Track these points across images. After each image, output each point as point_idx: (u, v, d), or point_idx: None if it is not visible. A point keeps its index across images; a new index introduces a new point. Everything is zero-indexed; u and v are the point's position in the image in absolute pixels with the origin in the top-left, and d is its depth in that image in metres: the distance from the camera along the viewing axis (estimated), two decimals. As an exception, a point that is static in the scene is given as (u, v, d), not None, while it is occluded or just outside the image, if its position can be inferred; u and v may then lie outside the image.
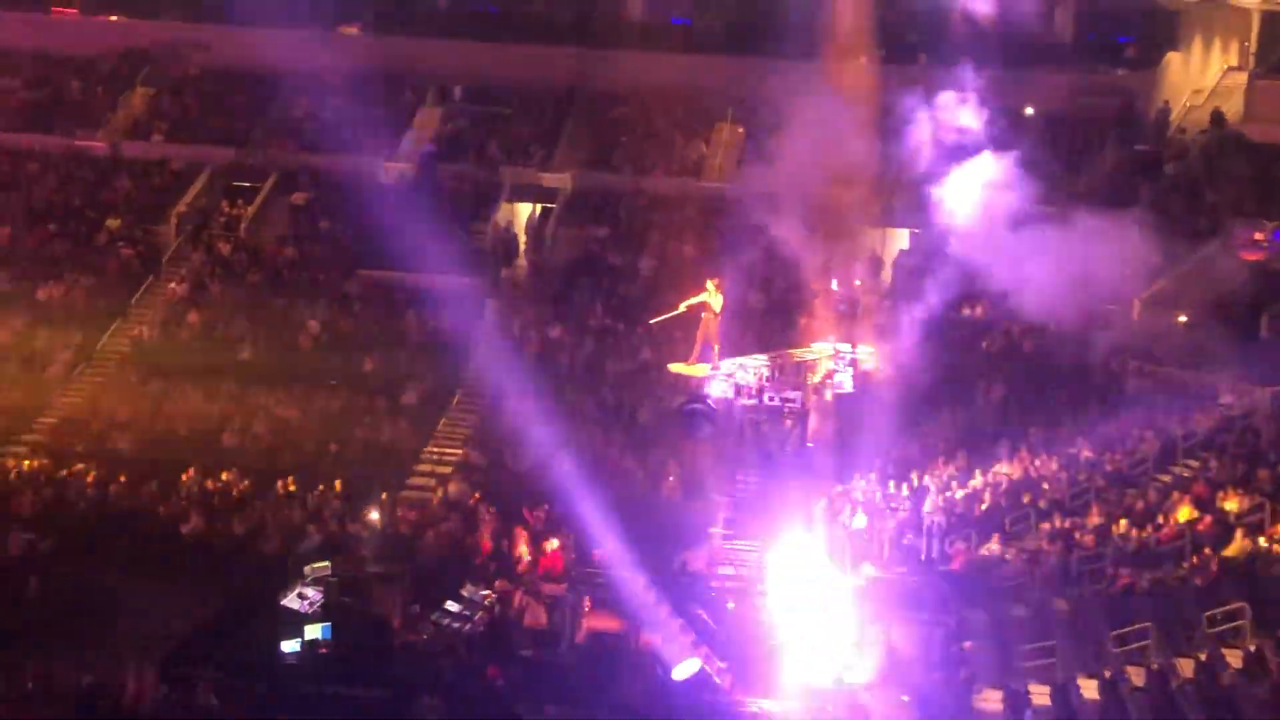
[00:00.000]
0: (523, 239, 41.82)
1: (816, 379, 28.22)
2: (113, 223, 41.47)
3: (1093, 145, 41.83)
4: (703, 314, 27.92)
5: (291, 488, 31.62)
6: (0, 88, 46.31)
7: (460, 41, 46.03)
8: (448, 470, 33.48)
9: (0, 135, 44.62)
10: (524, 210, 42.78)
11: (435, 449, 34.46)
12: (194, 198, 42.58)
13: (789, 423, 28.78)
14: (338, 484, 31.55)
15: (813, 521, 28.49)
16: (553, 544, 28.77)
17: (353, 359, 36.68)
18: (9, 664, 23.88)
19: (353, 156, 42.49)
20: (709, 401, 27.90)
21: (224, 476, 32.09)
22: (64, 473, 32.18)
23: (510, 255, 41.07)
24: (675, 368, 29.77)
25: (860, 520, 29.86)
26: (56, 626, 26.01)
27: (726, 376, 28.12)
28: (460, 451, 34.16)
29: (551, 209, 42.28)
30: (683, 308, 28.20)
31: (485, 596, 26.53)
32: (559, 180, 42.77)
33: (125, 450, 33.60)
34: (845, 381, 28.31)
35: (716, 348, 28.20)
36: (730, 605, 27.32)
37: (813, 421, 29.03)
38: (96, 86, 46.28)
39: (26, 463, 32.91)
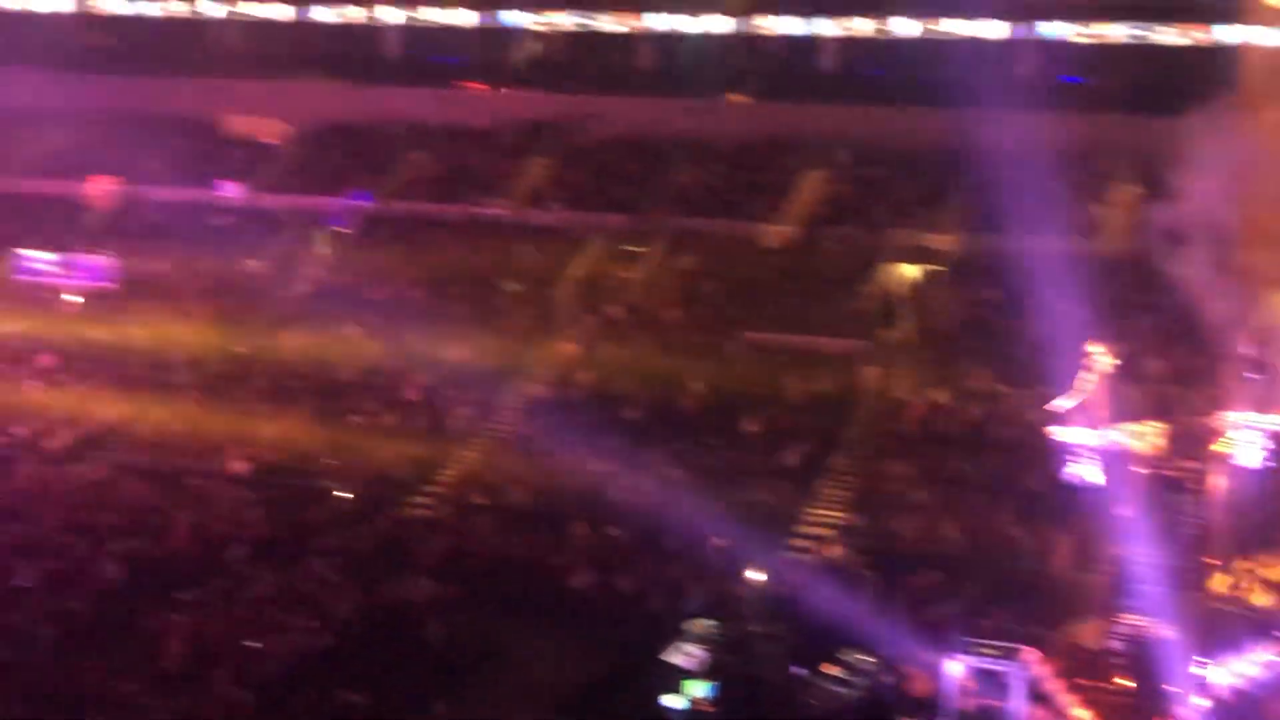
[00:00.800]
0: (906, 302, 41.53)
1: (1219, 450, 26.83)
2: (512, 286, 43.48)
3: None
4: (1092, 378, 27.07)
5: (673, 545, 32.16)
6: (412, 160, 49.45)
7: (845, 106, 46.30)
8: (829, 532, 33.38)
9: (411, 204, 47.58)
10: (908, 272, 42.52)
11: (816, 511, 34.43)
12: (587, 262, 44.22)
13: (1187, 494, 27.47)
14: (718, 543, 31.87)
15: (1211, 598, 27.05)
16: (936, 611, 28.26)
17: (734, 419, 37.09)
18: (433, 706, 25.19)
19: (737, 220, 43.25)
20: (1098, 469, 26.96)
21: (611, 531, 32.94)
22: (464, 523, 33.67)
23: (894, 318, 40.83)
24: (1063, 433, 28.89)
25: (1261, 598, 28.14)
26: (455, 672, 27.24)
27: (1120, 443, 27.10)
28: (841, 514, 34.01)
29: (937, 271, 41.85)
30: (1084, 389, 27.36)
31: (868, 662, 26.25)
32: (945, 242, 42.34)
33: (520, 503, 34.89)
34: (1252, 454, 26.78)
35: (1107, 413, 27.25)
36: (1120, 680, 26.19)
37: (1214, 494, 27.61)
38: (499, 157, 48.79)
39: (430, 513, 34.62)
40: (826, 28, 49.04)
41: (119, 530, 32.59)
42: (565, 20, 51.45)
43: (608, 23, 50.80)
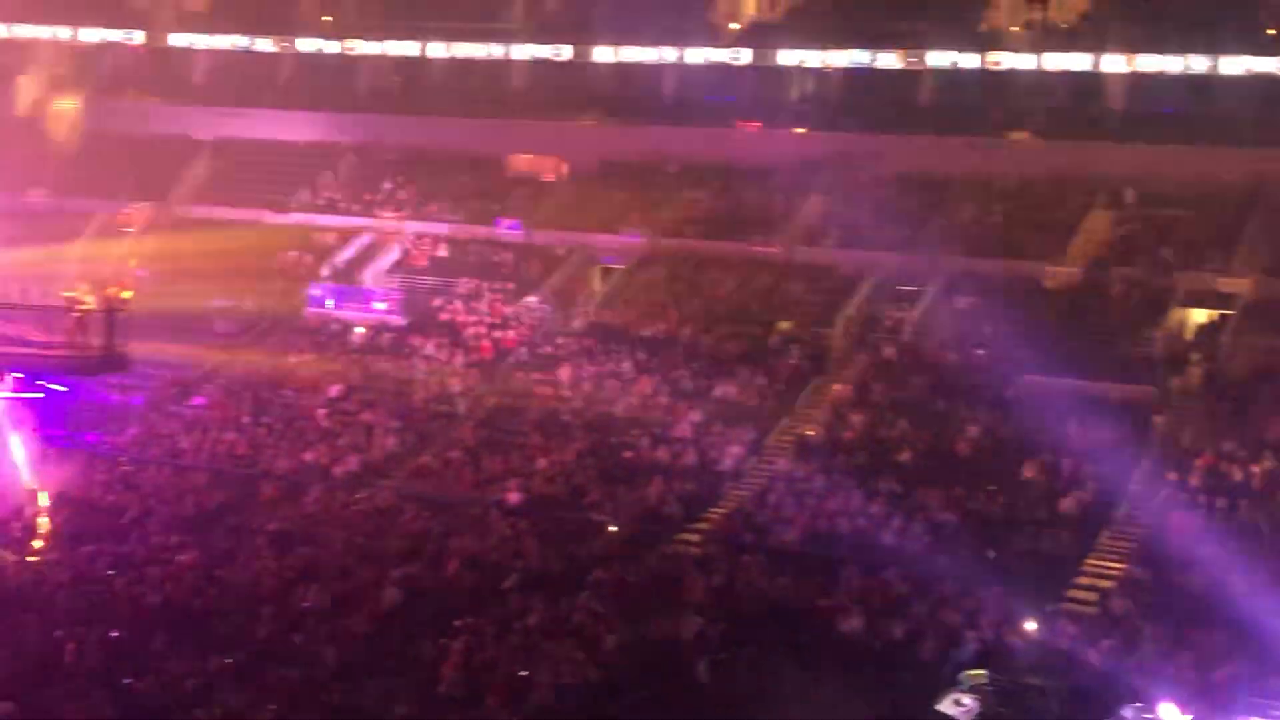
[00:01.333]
0: (1196, 347, 39.93)
1: None
2: (785, 325, 43.45)
3: None
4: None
5: (946, 592, 31.43)
6: (689, 199, 49.99)
7: (1134, 145, 45.00)
8: (1109, 584, 32.19)
9: (685, 242, 48.01)
10: (1198, 317, 40.89)
11: (1096, 561, 33.23)
12: (861, 302, 43.86)
13: None
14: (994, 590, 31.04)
15: None
16: (1223, 670, 26.95)
17: (1012, 465, 36.16)
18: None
19: (1019, 261, 42.34)
20: None
21: (882, 576, 32.39)
22: (732, 562, 33.55)
23: (1182, 364, 39.25)
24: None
25: None
26: (721, 711, 27.12)
27: None
28: (1123, 566, 32.77)
29: (1228, 316, 40.18)
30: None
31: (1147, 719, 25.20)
32: (1237, 286, 40.65)
33: (790, 543, 34.63)
34: None
35: None
36: None
37: None
38: (774, 195, 48.90)
39: (699, 550, 34.65)
40: (1113, 64, 47.67)
41: (400, 556, 33.55)
42: (843, 58, 51.27)
43: (887, 60, 50.40)
